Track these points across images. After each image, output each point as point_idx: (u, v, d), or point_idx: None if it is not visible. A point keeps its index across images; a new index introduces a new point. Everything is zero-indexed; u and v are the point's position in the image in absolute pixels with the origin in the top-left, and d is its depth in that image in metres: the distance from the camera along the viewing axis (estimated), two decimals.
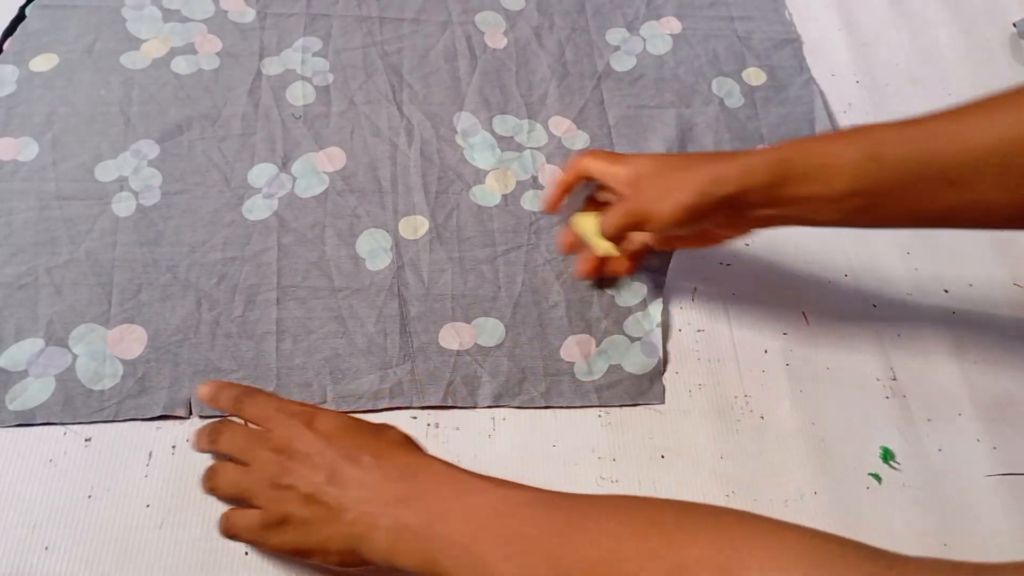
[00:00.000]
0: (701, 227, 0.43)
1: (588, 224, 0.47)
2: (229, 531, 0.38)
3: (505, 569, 0.30)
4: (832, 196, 0.39)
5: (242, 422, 0.41)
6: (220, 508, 0.42)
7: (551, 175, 0.58)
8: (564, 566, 0.29)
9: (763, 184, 0.39)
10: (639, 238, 0.50)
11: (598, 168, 0.46)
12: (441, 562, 0.32)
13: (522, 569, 0.30)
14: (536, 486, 0.35)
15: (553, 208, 0.50)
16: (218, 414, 0.45)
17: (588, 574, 0.29)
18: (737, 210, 0.41)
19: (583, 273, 0.51)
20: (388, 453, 0.37)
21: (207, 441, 0.40)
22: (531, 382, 0.49)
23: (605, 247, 0.47)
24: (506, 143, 0.60)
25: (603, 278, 0.53)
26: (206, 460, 0.44)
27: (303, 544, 0.36)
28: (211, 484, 0.39)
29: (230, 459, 0.40)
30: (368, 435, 0.38)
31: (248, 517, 0.37)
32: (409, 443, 0.39)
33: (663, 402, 0.49)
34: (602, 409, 0.49)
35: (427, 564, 0.32)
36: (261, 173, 0.55)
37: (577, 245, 0.50)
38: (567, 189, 0.49)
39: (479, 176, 0.58)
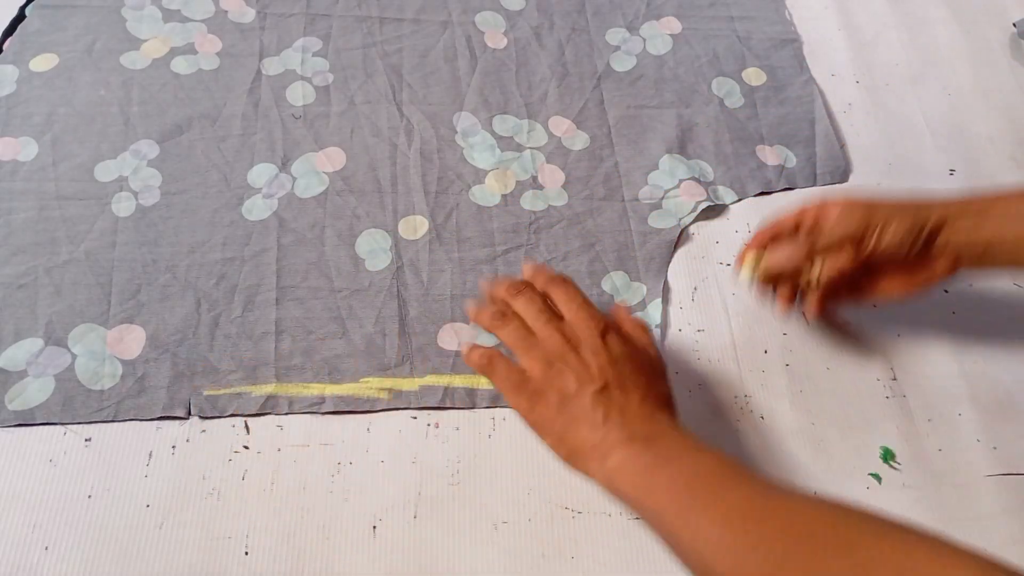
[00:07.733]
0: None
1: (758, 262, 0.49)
2: (487, 369, 0.41)
3: (703, 522, 0.33)
4: None
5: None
6: (219, 508, 0.43)
7: (551, 175, 0.58)
8: (763, 533, 0.32)
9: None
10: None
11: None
12: (653, 498, 0.35)
13: (724, 528, 0.32)
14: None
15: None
16: (220, 422, 0.45)
17: (784, 540, 0.31)
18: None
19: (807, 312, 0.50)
20: (652, 401, 0.40)
21: (507, 292, 0.43)
22: None
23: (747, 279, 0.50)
24: (506, 143, 0.60)
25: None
26: (206, 462, 0.44)
27: (547, 422, 0.39)
28: (498, 322, 0.42)
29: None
30: (645, 376, 0.41)
31: (512, 370, 0.40)
32: (670, 405, 0.41)
33: None
34: None
35: (641, 496, 0.35)
36: (261, 173, 0.55)
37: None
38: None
39: (479, 176, 0.57)
